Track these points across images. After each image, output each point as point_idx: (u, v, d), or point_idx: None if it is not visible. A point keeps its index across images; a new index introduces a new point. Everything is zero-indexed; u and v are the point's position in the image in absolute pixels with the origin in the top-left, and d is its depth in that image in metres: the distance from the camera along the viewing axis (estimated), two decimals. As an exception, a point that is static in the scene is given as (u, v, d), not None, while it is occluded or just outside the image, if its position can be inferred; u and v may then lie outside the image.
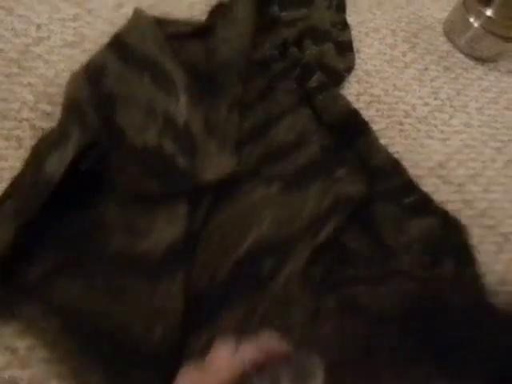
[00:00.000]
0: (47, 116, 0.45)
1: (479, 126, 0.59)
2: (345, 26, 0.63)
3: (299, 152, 0.48)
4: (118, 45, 0.48)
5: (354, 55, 0.60)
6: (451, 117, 0.58)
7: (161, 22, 0.52)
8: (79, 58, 0.50)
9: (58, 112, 0.43)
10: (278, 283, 0.39)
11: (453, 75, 0.64)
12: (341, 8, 0.65)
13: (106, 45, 0.48)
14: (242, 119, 0.49)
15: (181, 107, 0.45)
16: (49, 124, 0.44)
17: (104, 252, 0.38)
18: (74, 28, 0.52)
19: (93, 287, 0.37)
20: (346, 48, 0.61)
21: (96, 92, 0.45)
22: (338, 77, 0.57)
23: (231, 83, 0.50)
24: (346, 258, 0.43)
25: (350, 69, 0.59)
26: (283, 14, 0.61)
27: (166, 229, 0.40)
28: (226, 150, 0.45)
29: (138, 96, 0.46)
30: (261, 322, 0.37)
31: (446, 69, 0.64)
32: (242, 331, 0.36)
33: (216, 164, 0.44)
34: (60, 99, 0.46)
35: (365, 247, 0.44)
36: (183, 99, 0.45)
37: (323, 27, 0.61)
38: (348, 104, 0.52)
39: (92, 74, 0.46)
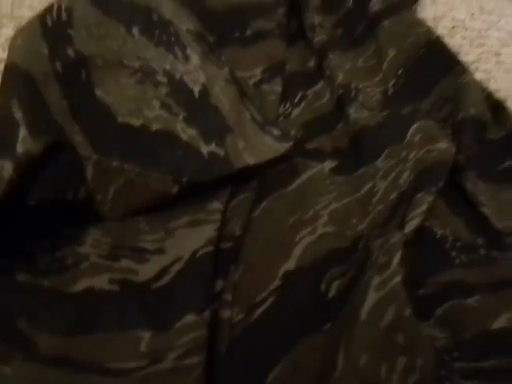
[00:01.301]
0: (12, 44, 0.33)
1: None
2: None
3: (351, 112, 0.33)
4: None
5: None
6: (561, 47, 0.43)
7: None
8: None
9: None
10: (352, 311, 0.24)
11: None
12: None
13: None
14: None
15: (193, 69, 0.31)
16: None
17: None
18: None
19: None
20: None
21: (60, 53, 0.29)
22: None
23: (269, 32, 0.36)
24: (434, 250, 0.29)
25: None
26: None
27: (188, 237, 0.26)
28: (271, 128, 0.31)
29: (126, 55, 0.31)
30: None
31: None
32: None
33: (258, 150, 0.29)
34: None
35: (459, 232, 0.29)
36: (195, 58, 0.31)
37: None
38: (428, 32, 0.37)
39: (53, 27, 0.30)
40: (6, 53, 0.32)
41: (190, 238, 0.26)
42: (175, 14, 0.33)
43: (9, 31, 0.34)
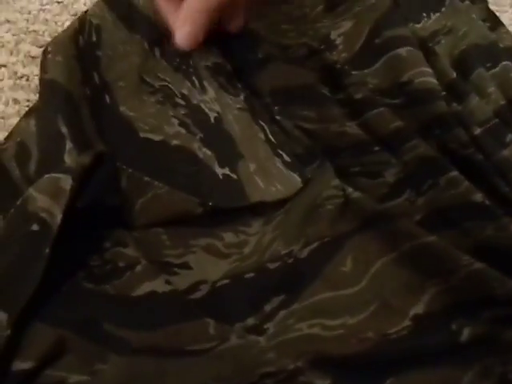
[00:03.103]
0: (32, 60, 0.34)
1: None
2: (495, 19, 0.41)
3: None
4: (118, 2, 0.36)
5: None
6: None
7: None
8: (72, -15, 0.38)
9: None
10: None
11: None
12: None
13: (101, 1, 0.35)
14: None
15: (209, 100, 0.32)
16: (33, 70, 0.33)
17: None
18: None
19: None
20: None
21: (89, 79, 0.32)
22: None
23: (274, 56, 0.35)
24: None
25: None
26: (416, 26, 0.39)
27: (205, 265, 0.27)
28: (282, 152, 0.31)
29: (147, 73, 0.33)
30: None
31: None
32: None
33: (269, 173, 0.30)
34: (48, 38, 0.35)
35: None
36: (211, 91, 0.33)
37: (482, 39, 0.38)
38: None
39: (84, 48, 0.33)
40: (27, 68, 0.34)
41: (211, 263, 0.27)
42: (195, 52, 0.33)
43: (26, 46, 0.35)
